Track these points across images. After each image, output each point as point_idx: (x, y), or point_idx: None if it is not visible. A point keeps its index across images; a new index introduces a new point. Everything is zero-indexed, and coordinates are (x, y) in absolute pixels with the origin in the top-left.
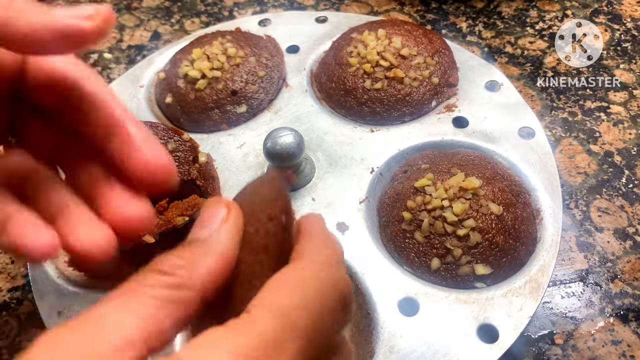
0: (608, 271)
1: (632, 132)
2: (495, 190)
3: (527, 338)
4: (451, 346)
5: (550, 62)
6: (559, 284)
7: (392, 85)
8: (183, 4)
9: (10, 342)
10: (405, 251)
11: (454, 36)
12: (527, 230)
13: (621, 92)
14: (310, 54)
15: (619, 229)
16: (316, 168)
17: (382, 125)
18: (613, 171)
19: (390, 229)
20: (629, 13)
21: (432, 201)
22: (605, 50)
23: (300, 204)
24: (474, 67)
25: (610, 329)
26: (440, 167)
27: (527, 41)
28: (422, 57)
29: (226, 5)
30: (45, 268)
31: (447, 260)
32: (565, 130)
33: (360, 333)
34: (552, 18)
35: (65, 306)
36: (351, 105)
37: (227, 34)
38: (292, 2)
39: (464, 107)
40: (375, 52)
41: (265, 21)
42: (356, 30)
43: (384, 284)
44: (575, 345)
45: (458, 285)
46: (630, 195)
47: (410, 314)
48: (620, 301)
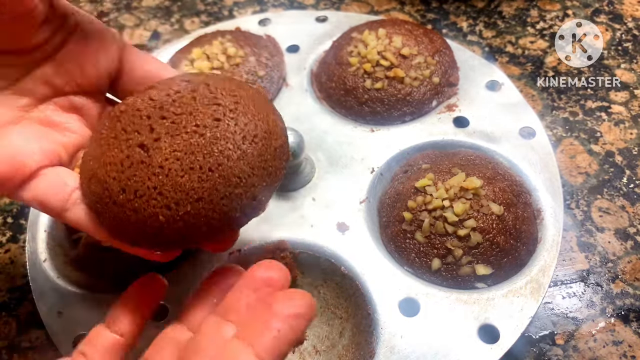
0: (609, 271)
1: (633, 132)
2: (496, 190)
3: (528, 338)
4: (452, 347)
5: (551, 62)
6: (560, 284)
7: (393, 84)
8: (183, 4)
9: (10, 342)
10: (405, 251)
11: (455, 36)
12: (528, 231)
13: (622, 92)
14: (310, 53)
15: (620, 229)
16: (316, 168)
17: (382, 125)
18: (614, 171)
19: (390, 229)
20: (630, 13)
21: (432, 201)
22: (606, 50)
23: (300, 204)
24: (475, 66)
25: (611, 329)
26: (440, 167)
27: (528, 41)
28: (423, 56)
29: (226, 5)
30: (45, 268)
31: (448, 260)
32: (566, 130)
33: (360, 333)
34: (553, 18)
35: (65, 306)
36: (351, 105)
37: (227, 33)
38: (292, 2)
39: (465, 107)
40: (376, 52)
41: (265, 21)
42: (356, 30)
43: (384, 284)
44: (576, 345)
45: (459, 286)
46: (632, 195)
47: (410, 315)
48: (621, 301)
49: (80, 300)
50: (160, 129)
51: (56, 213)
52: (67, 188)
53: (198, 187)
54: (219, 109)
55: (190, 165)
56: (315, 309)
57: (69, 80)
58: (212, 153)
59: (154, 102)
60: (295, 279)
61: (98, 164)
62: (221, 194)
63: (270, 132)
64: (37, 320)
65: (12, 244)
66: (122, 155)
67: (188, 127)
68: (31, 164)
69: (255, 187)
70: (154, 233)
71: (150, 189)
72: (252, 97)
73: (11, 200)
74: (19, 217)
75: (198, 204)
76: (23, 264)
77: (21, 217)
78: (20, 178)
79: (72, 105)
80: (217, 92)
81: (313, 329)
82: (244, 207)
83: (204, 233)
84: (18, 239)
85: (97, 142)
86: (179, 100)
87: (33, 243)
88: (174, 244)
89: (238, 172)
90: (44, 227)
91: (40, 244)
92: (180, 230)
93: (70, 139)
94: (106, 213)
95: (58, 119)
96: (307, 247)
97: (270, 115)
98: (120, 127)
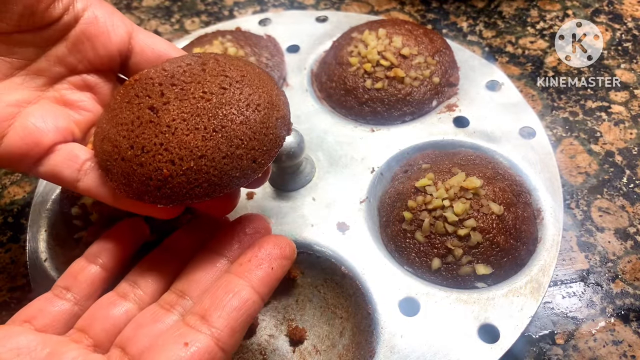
0: (609, 271)
1: (633, 132)
2: (496, 190)
3: (528, 338)
4: (452, 346)
5: (551, 62)
6: (560, 284)
7: (393, 84)
8: (183, 4)
9: None
10: (405, 251)
11: (455, 36)
12: (528, 230)
13: (622, 92)
14: (310, 53)
15: (619, 229)
16: (316, 168)
17: (382, 124)
18: (614, 171)
19: (390, 228)
20: (630, 13)
21: (432, 201)
22: (606, 50)
23: (300, 204)
24: (475, 66)
25: (611, 329)
26: (441, 167)
27: (528, 41)
28: (423, 56)
29: (226, 5)
30: (46, 268)
31: (448, 260)
32: (566, 130)
33: (360, 333)
34: (553, 18)
35: None
36: (352, 105)
37: (227, 33)
38: (293, 2)
39: (465, 107)
40: (376, 52)
41: (265, 21)
42: (357, 30)
43: (384, 284)
44: (576, 345)
45: (459, 285)
46: (631, 195)
47: (410, 314)
48: (621, 301)
49: None
50: (170, 94)
51: (70, 184)
52: (79, 160)
53: (202, 145)
54: (226, 79)
55: (195, 125)
56: (295, 252)
57: (82, 59)
58: (217, 116)
59: (165, 72)
60: (295, 278)
61: (110, 125)
62: (223, 154)
63: (273, 103)
64: None
65: (12, 243)
66: (133, 117)
67: (196, 93)
68: (46, 141)
69: (256, 150)
70: (157, 186)
71: (156, 145)
72: (258, 74)
73: (12, 200)
74: (19, 216)
75: (201, 161)
76: (24, 264)
77: (22, 217)
78: (36, 155)
79: (85, 84)
80: (226, 65)
81: (313, 329)
82: (244, 168)
83: (204, 189)
84: (19, 239)
85: (110, 107)
86: (190, 70)
87: (34, 243)
88: (175, 199)
89: (240, 135)
90: (44, 227)
91: (40, 244)
92: (182, 184)
93: (84, 116)
94: (114, 169)
95: (72, 97)
96: (307, 247)
97: (274, 90)
98: (134, 93)
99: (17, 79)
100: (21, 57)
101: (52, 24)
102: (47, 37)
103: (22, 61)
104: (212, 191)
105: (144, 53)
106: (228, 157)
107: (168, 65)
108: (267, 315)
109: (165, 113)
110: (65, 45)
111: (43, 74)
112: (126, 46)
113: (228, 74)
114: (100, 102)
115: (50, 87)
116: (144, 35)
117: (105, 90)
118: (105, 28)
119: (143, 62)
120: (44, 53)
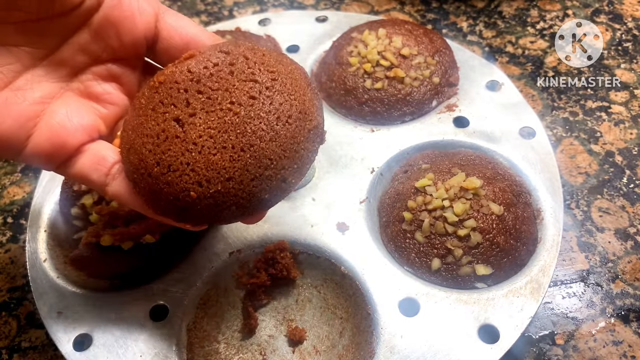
0: (609, 271)
1: (633, 132)
2: (496, 190)
3: (528, 338)
4: (452, 347)
5: (551, 62)
6: (560, 284)
7: (393, 84)
8: (183, 4)
9: (10, 342)
10: (405, 251)
11: (455, 36)
12: (528, 231)
13: (622, 92)
14: (310, 53)
15: (620, 229)
16: (316, 168)
17: (382, 125)
18: (614, 171)
19: (390, 229)
20: (630, 12)
21: (432, 201)
22: (606, 50)
23: (300, 204)
24: (475, 66)
25: (611, 329)
26: (440, 167)
27: (528, 41)
28: (423, 56)
29: (226, 5)
30: (45, 268)
31: (448, 260)
32: (566, 130)
33: (360, 334)
34: (553, 18)
35: (65, 306)
36: (351, 105)
37: (227, 33)
38: (292, 2)
39: (465, 107)
40: (376, 52)
41: (265, 21)
42: (356, 30)
43: (384, 284)
44: (576, 345)
45: (459, 286)
46: (631, 195)
47: (410, 315)
48: (621, 301)
49: (80, 300)
50: (196, 104)
51: (98, 188)
52: (107, 163)
53: (229, 166)
54: (255, 86)
55: (222, 144)
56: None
57: (105, 47)
58: (245, 133)
59: (191, 75)
60: (295, 278)
61: (135, 135)
62: (251, 175)
63: (305, 112)
64: (37, 320)
65: (12, 244)
66: (158, 129)
67: (223, 104)
68: (73, 142)
69: (286, 169)
70: (184, 207)
71: (183, 165)
72: (291, 74)
73: (11, 200)
74: (19, 217)
75: (228, 184)
76: (23, 264)
77: (21, 217)
78: (63, 157)
79: (110, 74)
80: (255, 67)
81: (313, 329)
82: (273, 189)
83: (232, 212)
84: (18, 239)
85: (136, 112)
86: (217, 74)
87: (33, 243)
88: (203, 220)
89: (269, 154)
90: (44, 227)
91: (40, 244)
92: (210, 207)
93: (110, 110)
94: (142, 183)
95: (98, 89)
96: (307, 247)
97: (307, 94)
98: (158, 99)
99: (39, 70)
100: (42, 46)
101: (73, 9)
102: (68, 24)
103: (44, 51)
104: (240, 214)
105: (172, 39)
106: (257, 179)
107: (194, 65)
108: (266, 316)
109: (191, 127)
110: (87, 32)
111: (66, 64)
112: (152, 30)
113: (258, 77)
114: (126, 93)
115: (75, 78)
116: (172, 17)
117: (132, 80)
118: (130, 11)
119: (171, 48)
120: (66, 42)
